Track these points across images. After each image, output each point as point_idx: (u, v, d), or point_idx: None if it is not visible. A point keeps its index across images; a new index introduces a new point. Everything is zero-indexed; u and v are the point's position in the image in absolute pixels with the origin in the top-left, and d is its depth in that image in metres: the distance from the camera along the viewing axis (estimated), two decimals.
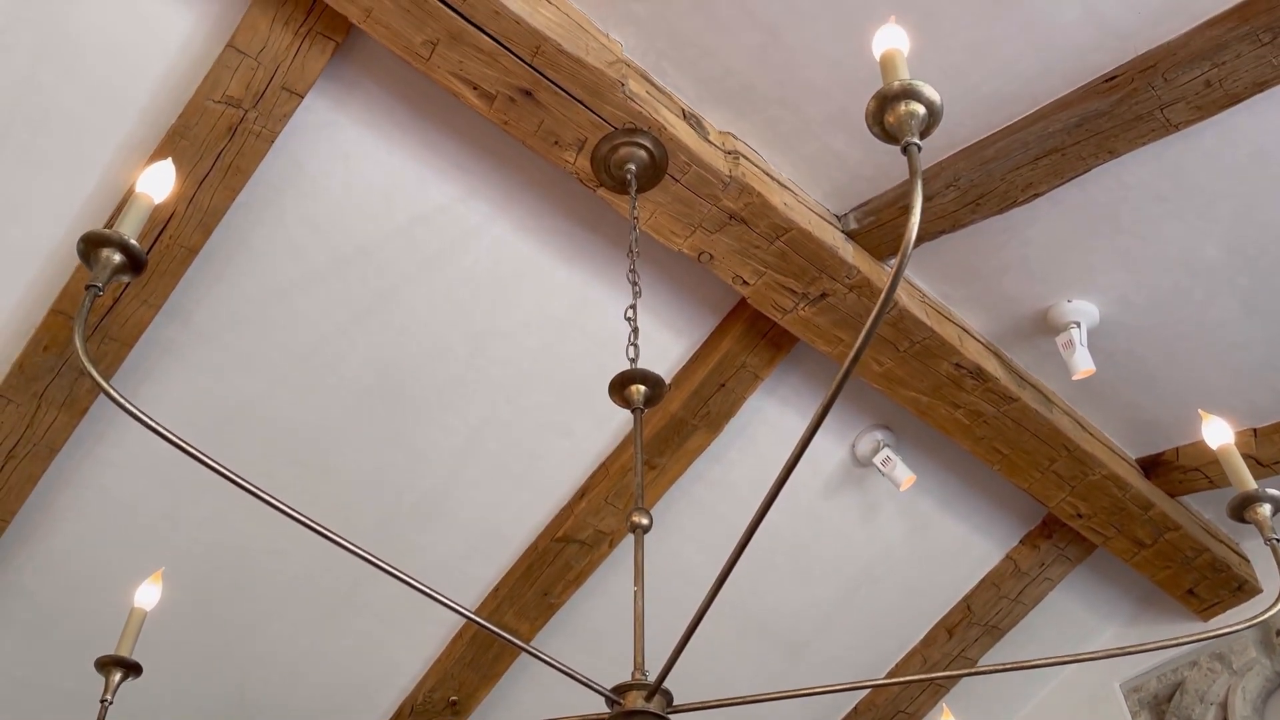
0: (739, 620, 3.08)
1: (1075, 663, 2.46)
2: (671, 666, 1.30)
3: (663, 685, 1.34)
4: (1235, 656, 3.03)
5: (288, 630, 2.74)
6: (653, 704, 1.32)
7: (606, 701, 1.36)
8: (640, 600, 1.46)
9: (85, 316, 1.00)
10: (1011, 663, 1.42)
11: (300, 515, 1.23)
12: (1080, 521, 2.84)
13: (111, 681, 1.46)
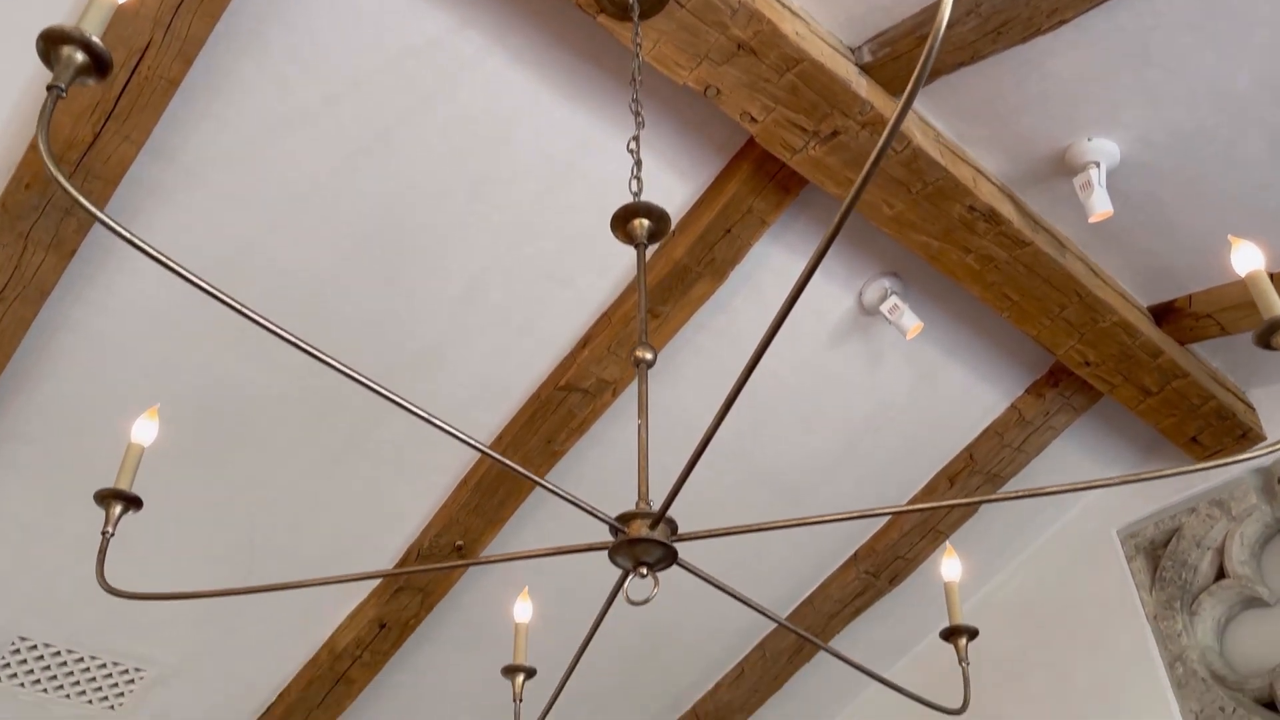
0: (742, 470, 3.09)
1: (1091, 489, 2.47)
2: (675, 494, 1.28)
3: (666, 515, 1.33)
4: (1235, 503, 3.05)
5: (292, 478, 2.75)
6: (657, 532, 1.31)
7: (611, 531, 1.35)
8: (644, 433, 1.43)
9: (48, 119, 0.93)
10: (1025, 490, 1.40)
11: (310, 347, 1.19)
12: (1087, 369, 2.81)
13: (112, 514, 1.45)
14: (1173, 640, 3.07)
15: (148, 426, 1.56)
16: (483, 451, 1.31)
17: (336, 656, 3.04)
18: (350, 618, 3.05)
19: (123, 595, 1.39)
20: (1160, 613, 3.13)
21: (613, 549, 1.32)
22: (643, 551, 1.31)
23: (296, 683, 3.12)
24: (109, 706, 3.04)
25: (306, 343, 1.23)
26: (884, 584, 3.43)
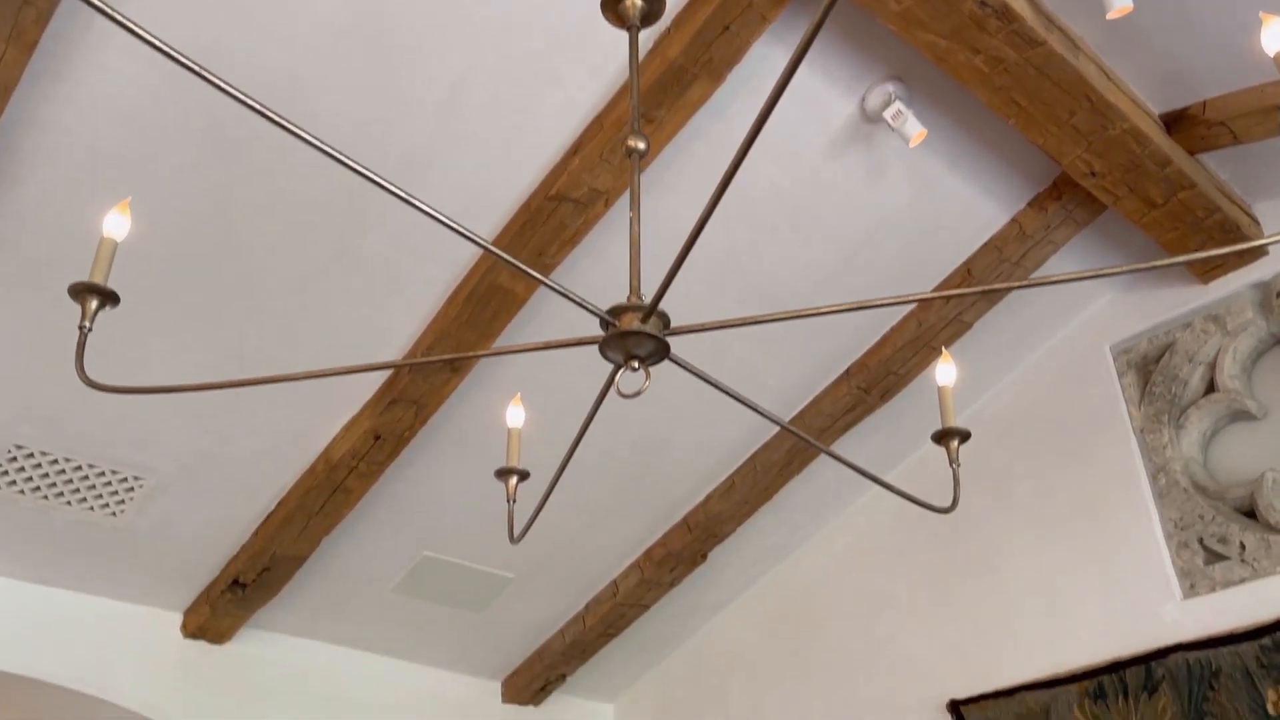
0: (737, 284, 3.05)
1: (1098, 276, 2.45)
2: (667, 286, 1.24)
3: (659, 309, 1.30)
4: (1231, 318, 3.04)
5: (279, 288, 2.71)
6: (649, 325, 1.27)
7: (602, 324, 1.32)
8: (636, 226, 1.38)
9: None
10: (1039, 278, 1.36)
11: (305, 133, 1.11)
12: (1093, 180, 2.74)
13: (88, 309, 1.41)
14: (1158, 452, 3.12)
15: (119, 220, 1.50)
16: (485, 248, 1.27)
17: (333, 467, 3.07)
18: (345, 429, 3.07)
19: (105, 389, 1.37)
20: (1147, 426, 3.16)
21: (604, 342, 1.29)
22: (634, 344, 1.28)
23: (295, 491, 3.17)
24: (110, 513, 3.09)
25: (293, 123, 1.16)
26: (875, 399, 3.45)
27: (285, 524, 3.20)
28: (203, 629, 3.52)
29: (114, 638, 3.41)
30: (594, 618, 4.04)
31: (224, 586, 3.37)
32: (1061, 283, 1.36)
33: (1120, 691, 2.96)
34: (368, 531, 3.44)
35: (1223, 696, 2.75)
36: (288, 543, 3.25)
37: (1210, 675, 2.79)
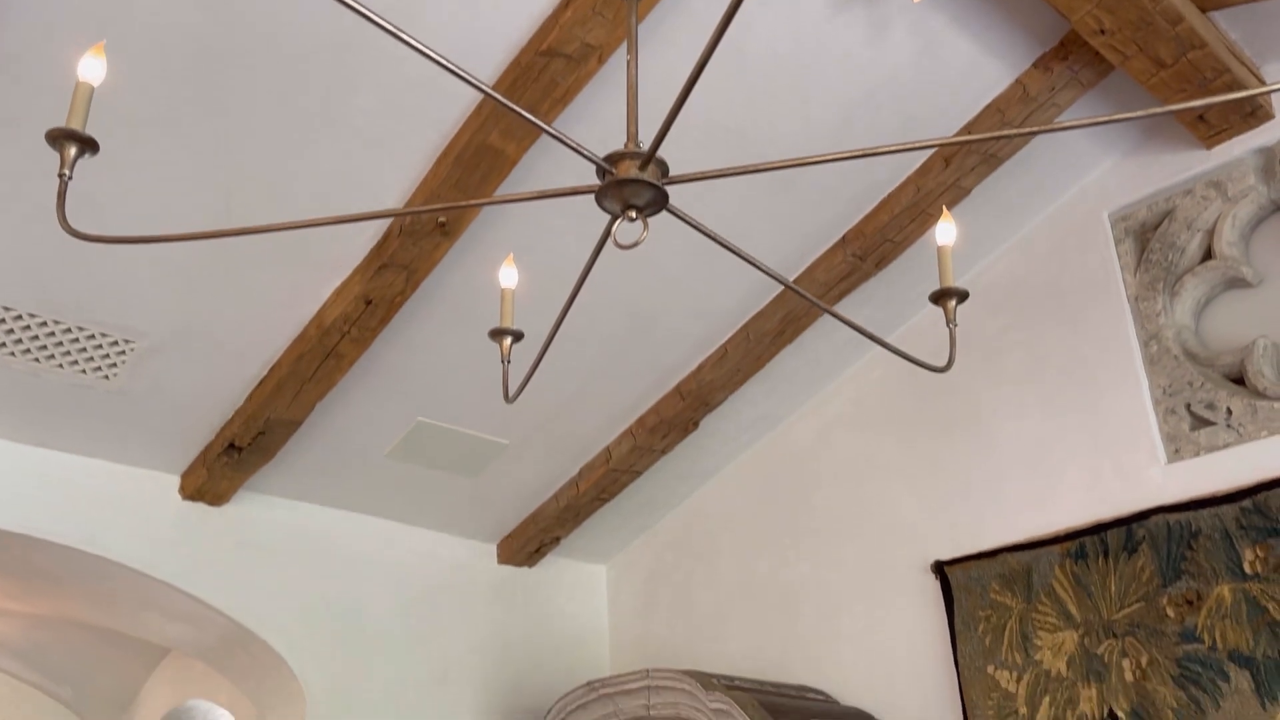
0: (734, 148, 2.98)
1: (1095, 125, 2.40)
2: (666, 132, 1.20)
3: (657, 156, 1.26)
4: (1232, 184, 3.00)
5: (265, 147, 2.64)
6: (646, 173, 1.24)
7: (598, 173, 1.28)
8: (633, 69, 1.33)
9: None
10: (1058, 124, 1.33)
11: None
12: (1101, 39, 2.65)
13: (66, 156, 1.37)
14: (1150, 320, 3.12)
15: (95, 64, 1.44)
16: (484, 91, 1.22)
17: (325, 332, 3.06)
18: (336, 294, 3.04)
19: (87, 238, 1.33)
20: (1141, 294, 3.15)
21: (600, 191, 1.26)
22: (631, 193, 1.25)
23: (287, 356, 3.16)
24: (102, 376, 3.09)
25: None
26: (870, 267, 3.42)
27: (278, 389, 3.20)
28: (200, 491, 3.57)
29: (113, 499, 3.45)
30: (587, 483, 4.11)
31: (220, 450, 3.39)
32: (1063, 130, 1.32)
33: (1101, 552, 3.03)
34: (362, 397, 3.45)
35: (1200, 556, 2.82)
36: (281, 407, 3.26)
37: (1189, 536, 2.86)
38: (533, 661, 4.35)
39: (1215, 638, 2.75)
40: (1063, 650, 3.05)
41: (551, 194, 1.39)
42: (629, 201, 1.25)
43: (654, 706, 3.53)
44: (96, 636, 4.71)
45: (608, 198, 1.26)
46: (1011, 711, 3.12)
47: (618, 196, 1.25)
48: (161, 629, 3.97)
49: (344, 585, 3.92)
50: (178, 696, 4.76)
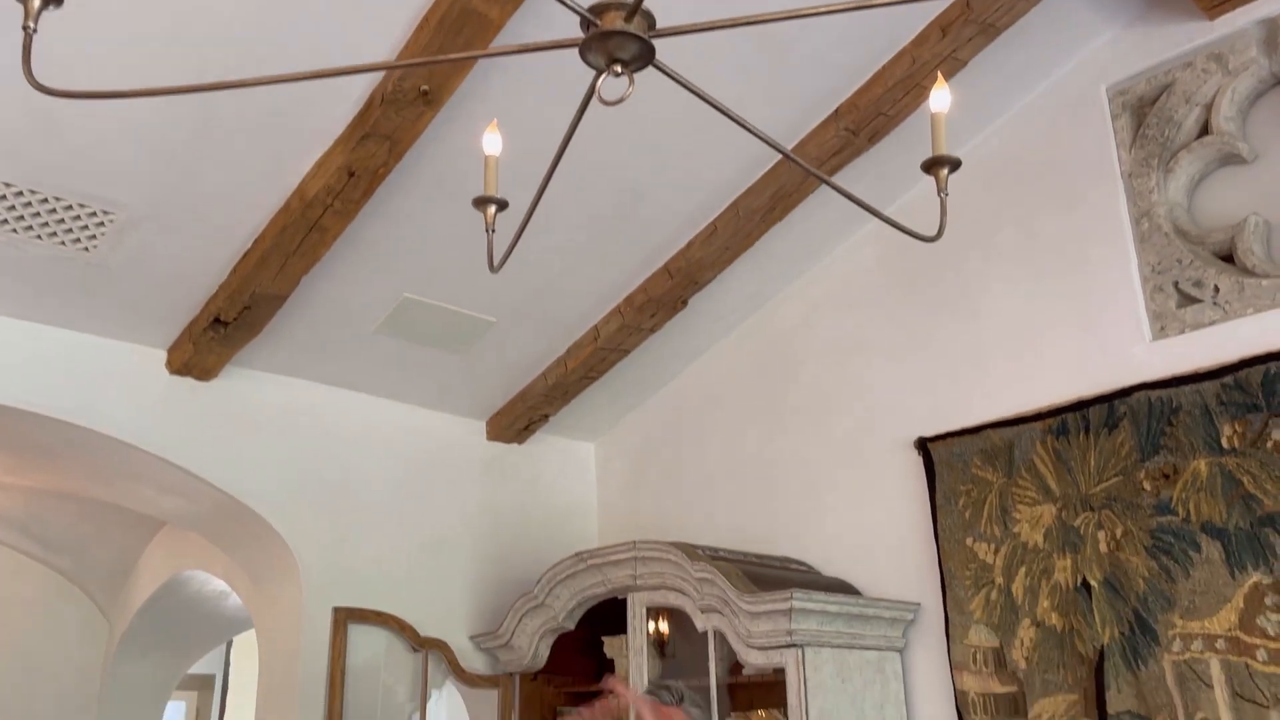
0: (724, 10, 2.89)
1: None
2: None
3: (643, 8, 1.21)
4: (1234, 57, 2.94)
5: (242, 8, 2.54)
6: (633, 24, 1.20)
7: (583, 25, 1.24)
8: None
9: None
10: None
11: None
12: None
13: (31, 8, 1.31)
14: (1143, 197, 3.09)
15: None
16: None
17: (308, 204, 3.01)
18: (318, 165, 2.98)
19: (54, 93, 1.29)
20: (1136, 170, 3.12)
21: (585, 44, 1.22)
22: (617, 46, 1.20)
23: (270, 229, 3.12)
24: (83, 248, 3.05)
25: None
26: (863, 142, 3.36)
27: (262, 262, 3.17)
28: (188, 366, 3.57)
29: (102, 373, 3.46)
30: (575, 361, 4.12)
31: (205, 324, 3.38)
32: None
33: (1082, 428, 3.07)
34: (348, 272, 3.42)
35: (1179, 432, 2.87)
36: (266, 281, 3.23)
37: (1170, 412, 2.89)
38: (522, 535, 4.44)
39: (1189, 510, 2.81)
40: (1040, 523, 3.12)
41: (534, 48, 1.35)
42: (614, 55, 1.21)
43: (640, 576, 3.62)
44: (93, 509, 4.78)
45: (592, 51, 1.22)
46: (988, 581, 3.21)
47: (602, 50, 1.21)
48: (155, 501, 4.03)
49: (334, 460, 3.97)
50: (174, 567, 4.86)
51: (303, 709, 3.63)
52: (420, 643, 3.96)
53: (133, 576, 5.31)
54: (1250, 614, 2.65)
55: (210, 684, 8.60)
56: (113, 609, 5.46)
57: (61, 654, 5.34)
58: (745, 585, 3.24)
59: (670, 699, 2.68)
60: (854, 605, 3.29)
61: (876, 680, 3.31)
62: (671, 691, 2.70)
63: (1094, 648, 2.92)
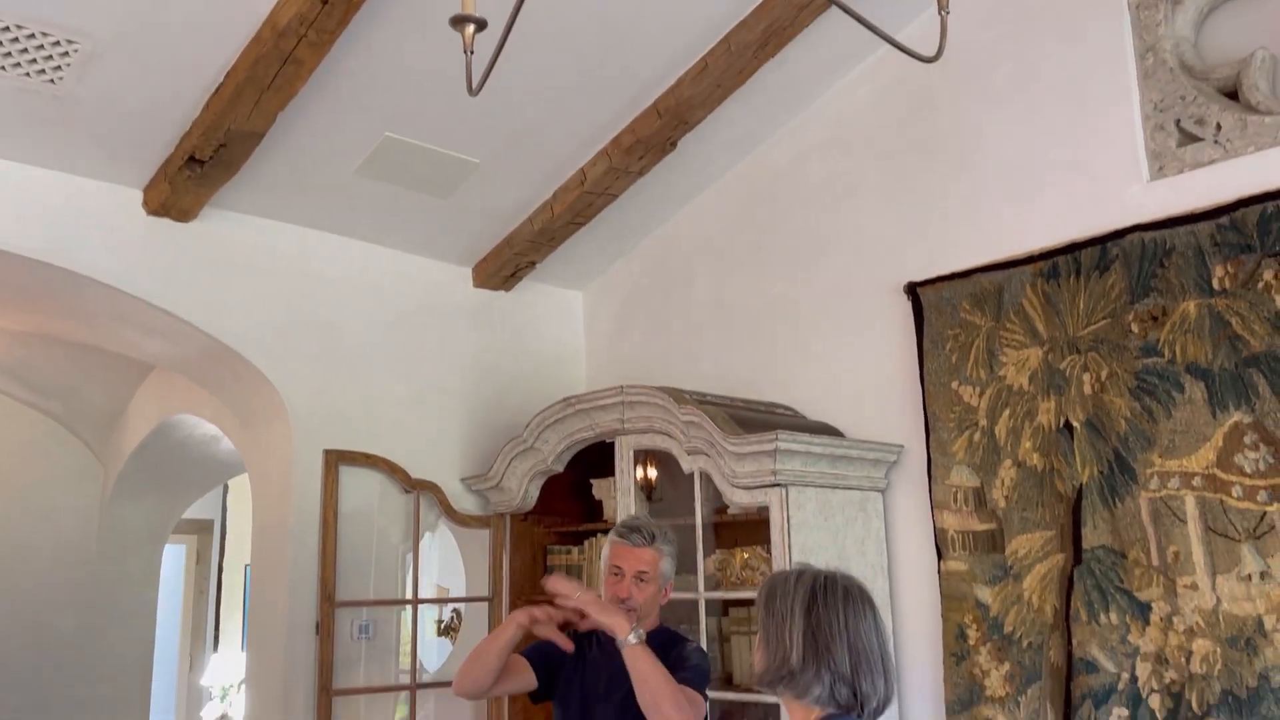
0: None
1: None
2: None
3: None
4: None
5: None
6: None
7: None
8: None
9: None
10: None
11: None
12: None
13: None
14: (1149, 30, 2.98)
15: None
16: None
17: (280, 34, 2.88)
18: None
19: None
20: (1143, 2, 3.00)
21: None
22: None
23: (242, 62, 2.99)
24: (48, 80, 2.93)
25: None
26: None
27: (236, 97, 3.06)
28: (165, 206, 3.49)
29: (77, 212, 3.39)
30: (561, 205, 4.04)
31: (181, 163, 3.29)
32: None
33: (1073, 270, 3.05)
34: (325, 108, 3.31)
35: (1171, 273, 2.84)
36: (241, 118, 3.13)
37: (1163, 254, 2.86)
38: (511, 381, 4.46)
39: (1175, 351, 2.81)
40: (1026, 366, 3.13)
41: None
42: None
43: (628, 421, 3.65)
44: (81, 353, 4.77)
45: None
46: (972, 424, 3.24)
47: None
48: (141, 345, 4.01)
49: (320, 305, 3.94)
50: (164, 411, 4.88)
51: (297, 550, 3.71)
52: (412, 484, 4.02)
53: (123, 420, 5.35)
54: (1229, 452, 2.69)
55: (209, 528, 8.81)
56: (105, 452, 5.53)
57: (57, 496, 5.43)
58: (731, 428, 3.27)
59: (641, 540, 2.71)
60: (838, 446, 3.33)
61: (858, 518, 3.38)
62: (643, 533, 2.73)
63: (1073, 486, 2.97)
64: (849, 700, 1.85)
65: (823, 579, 1.91)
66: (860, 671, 1.84)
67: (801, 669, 1.84)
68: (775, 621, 1.89)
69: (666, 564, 2.74)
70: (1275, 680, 2.54)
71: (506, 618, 2.76)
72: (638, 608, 2.67)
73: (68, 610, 5.34)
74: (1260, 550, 2.61)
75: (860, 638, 1.85)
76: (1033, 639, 3.00)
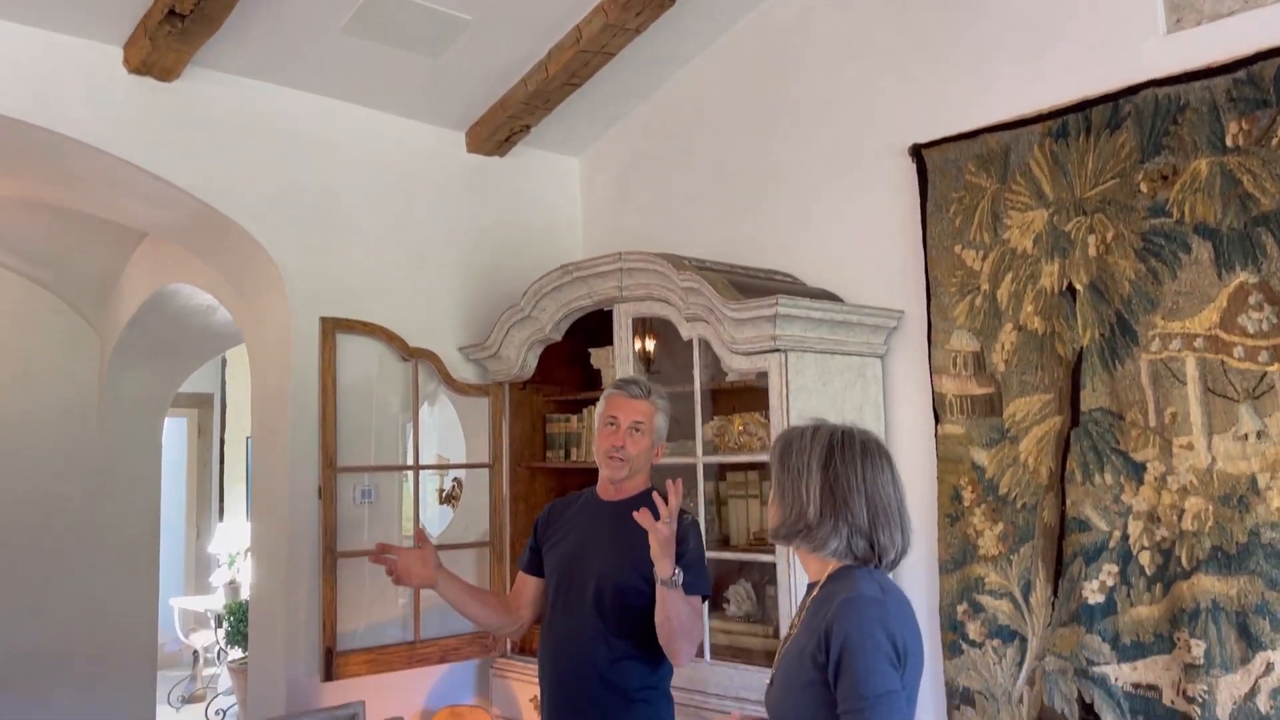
0: None
1: None
2: None
3: None
4: None
5: None
6: None
7: None
8: None
9: None
10: None
11: None
12: None
13: None
14: None
15: None
16: None
17: None
18: None
19: None
20: None
21: None
22: None
23: None
24: None
25: None
26: None
27: None
28: (147, 64, 3.37)
29: (56, 70, 3.27)
30: (556, 65, 3.92)
31: (160, 17, 3.15)
32: None
33: (1083, 129, 2.97)
34: None
35: (1184, 130, 2.77)
36: None
37: (1176, 110, 2.78)
38: (507, 250, 4.40)
39: (1184, 211, 2.76)
40: (1031, 228, 3.08)
41: None
42: None
43: (626, 288, 3.61)
44: (71, 220, 4.68)
45: None
46: (974, 288, 3.20)
47: None
48: (131, 210, 3.94)
49: (312, 170, 3.85)
50: (159, 280, 4.83)
51: (297, 417, 3.72)
52: (410, 353, 4.01)
53: (117, 290, 5.30)
54: (1232, 313, 2.66)
55: (209, 402, 8.88)
56: (101, 322, 5.50)
57: (55, 366, 5.42)
58: (730, 293, 3.24)
59: (639, 392, 2.73)
60: (838, 312, 3.31)
61: (857, 384, 3.39)
62: (640, 385, 2.75)
63: (1073, 350, 2.96)
64: (866, 553, 1.86)
65: (839, 434, 1.90)
66: (878, 525, 1.85)
67: (819, 523, 1.85)
68: (791, 477, 1.89)
69: (661, 420, 2.75)
70: (1265, 536, 2.58)
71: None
72: (631, 459, 2.69)
73: (73, 478, 5.40)
74: (1258, 410, 2.61)
75: (878, 491, 1.85)
76: (1027, 500, 3.04)
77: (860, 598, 1.79)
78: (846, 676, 1.73)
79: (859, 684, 1.71)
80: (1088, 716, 2.86)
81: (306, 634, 3.65)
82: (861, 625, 1.75)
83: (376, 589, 3.84)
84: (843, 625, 1.75)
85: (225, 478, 8.75)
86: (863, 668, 1.72)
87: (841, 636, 1.74)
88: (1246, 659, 2.57)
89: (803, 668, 1.82)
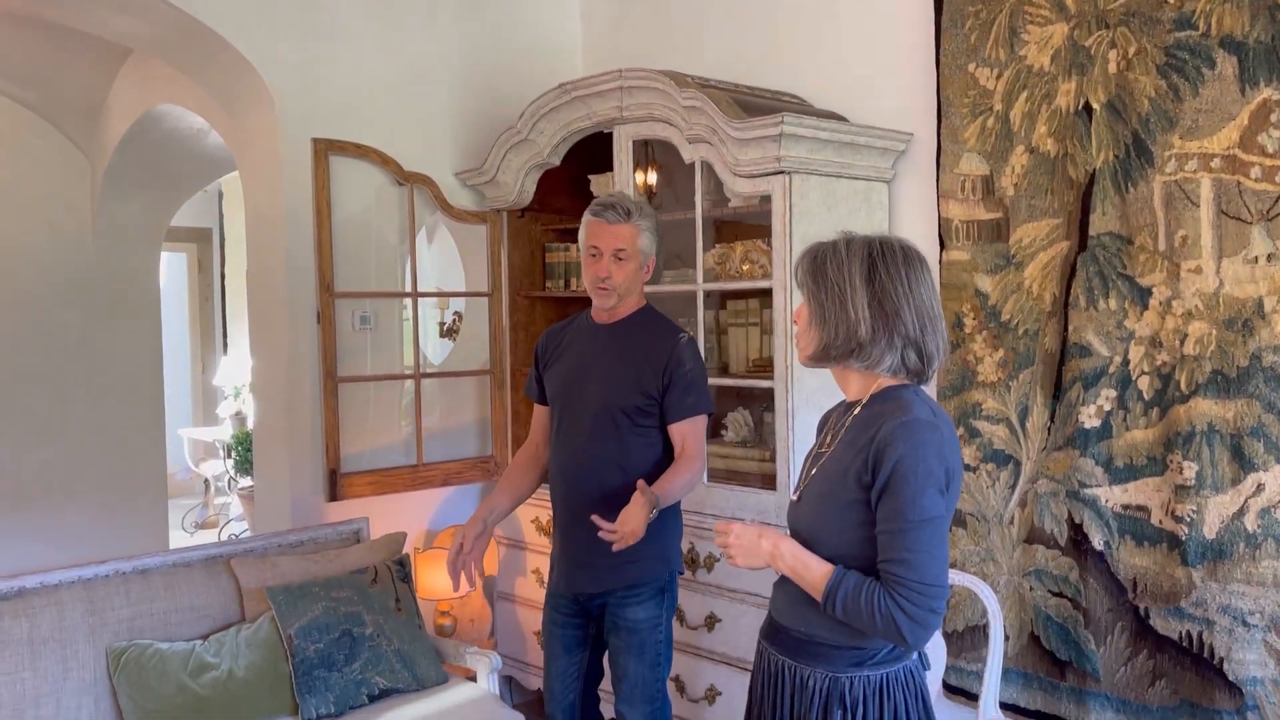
0: None
1: None
2: None
3: None
4: None
5: None
6: None
7: None
8: None
9: None
10: None
11: None
12: None
13: None
14: None
15: None
16: None
17: None
18: None
19: None
20: None
21: None
22: None
23: None
24: None
25: None
26: None
27: None
28: None
29: None
30: None
31: None
32: None
33: None
34: None
35: None
36: None
37: None
38: (504, 70, 4.25)
39: (1211, 23, 2.63)
40: (1049, 44, 2.94)
41: None
42: None
43: (627, 108, 3.50)
44: (51, 35, 4.49)
45: None
46: (986, 109, 3.09)
47: None
48: (111, 22, 3.76)
49: None
50: (147, 101, 4.68)
51: (292, 240, 3.66)
52: (405, 177, 3.92)
53: (105, 111, 5.15)
54: (1253, 131, 2.57)
55: (208, 236, 8.81)
56: (90, 145, 5.36)
57: (45, 190, 5.31)
58: (735, 112, 3.13)
59: (617, 216, 2.65)
60: (845, 132, 3.21)
61: (862, 209, 3.31)
62: (618, 209, 2.66)
63: (1085, 172, 2.88)
64: (917, 365, 1.80)
65: (878, 244, 1.80)
66: (927, 333, 1.79)
67: (872, 340, 1.77)
68: (833, 294, 1.78)
69: (645, 239, 2.68)
70: (1267, 360, 2.56)
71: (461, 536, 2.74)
72: (617, 287, 2.65)
73: (73, 306, 5.37)
74: (1270, 232, 2.56)
75: (923, 299, 1.78)
76: (1029, 326, 3.01)
77: (916, 421, 1.73)
78: (892, 498, 1.70)
79: (905, 506, 1.69)
80: (1076, 536, 2.91)
81: (311, 457, 3.70)
82: (916, 450, 1.70)
83: (379, 414, 3.87)
84: (895, 449, 1.70)
85: (228, 312, 8.76)
86: (912, 492, 1.69)
87: (894, 459, 1.70)
88: (1238, 479, 2.60)
89: (846, 487, 1.78)
